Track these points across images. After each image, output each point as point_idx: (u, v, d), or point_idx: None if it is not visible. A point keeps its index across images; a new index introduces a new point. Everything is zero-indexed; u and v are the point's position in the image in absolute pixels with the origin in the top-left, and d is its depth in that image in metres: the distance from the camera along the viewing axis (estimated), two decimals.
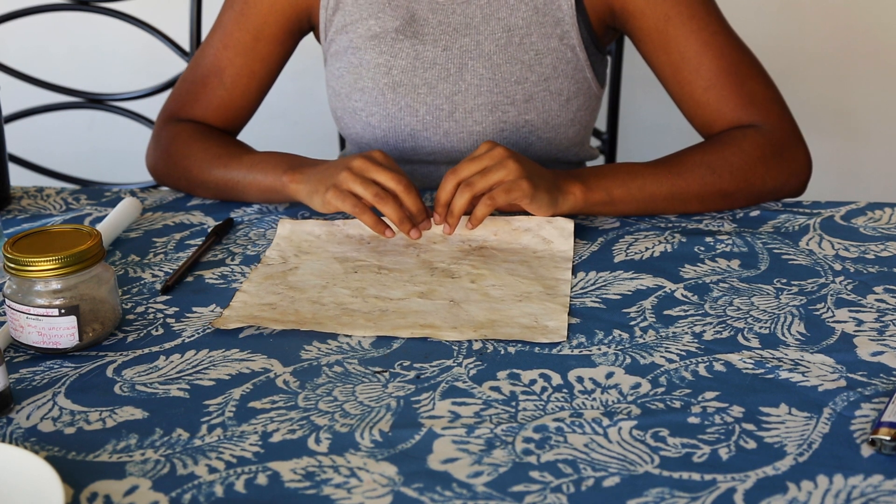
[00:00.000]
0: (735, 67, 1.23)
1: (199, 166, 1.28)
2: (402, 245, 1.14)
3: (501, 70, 1.27)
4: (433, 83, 1.28)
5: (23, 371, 0.93)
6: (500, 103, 1.28)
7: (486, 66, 1.27)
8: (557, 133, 1.30)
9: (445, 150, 1.31)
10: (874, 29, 2.24)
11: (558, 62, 1.27)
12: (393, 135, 1.31)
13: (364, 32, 1.29)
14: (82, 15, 1.77)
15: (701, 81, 1.23)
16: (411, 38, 1.27)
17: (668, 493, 0.76)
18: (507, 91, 1.27)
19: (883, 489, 0.75)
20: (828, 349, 0.93)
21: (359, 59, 1.29)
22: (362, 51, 1.29)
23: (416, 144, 1.31)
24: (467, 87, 1.28)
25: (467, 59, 1.27)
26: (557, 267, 1.09)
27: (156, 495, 0.76)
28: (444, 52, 1.27)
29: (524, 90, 1.27)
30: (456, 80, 1.28)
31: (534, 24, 1.26)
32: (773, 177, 1.21)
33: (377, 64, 1.28)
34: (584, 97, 1.31)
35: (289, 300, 1.04)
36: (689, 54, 1.23)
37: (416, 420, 0.84)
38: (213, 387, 0.90)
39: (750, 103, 1.23)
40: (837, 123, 2.33)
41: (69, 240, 0.95)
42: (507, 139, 1.29)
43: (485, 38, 1.27)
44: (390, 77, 1.28)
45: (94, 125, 2.36)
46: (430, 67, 1.28)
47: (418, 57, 1.28)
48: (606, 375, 0.90)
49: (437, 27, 1.27)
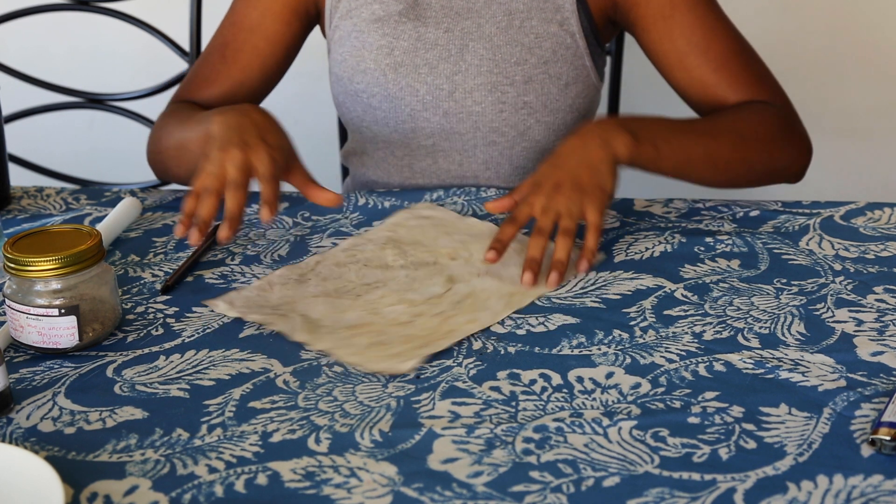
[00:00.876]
0: (742, 49, 1.26)
1: (167, 133, 1.27)
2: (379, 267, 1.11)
3: (501, 51, 1.27)
4: (434, 63, 1.29)
5: (23, 371, 0.93)
6: (499, 83, 1.28)
7: (487, 47, 1.28)
8: (556, 117, 1.30)
9: (444, 131, 1.31)
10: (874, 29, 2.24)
11: (558, 47, 1.28)
12: (393, 115, 1.31)
13: (368, 16, 1.30)
14: (82, 15, 1.77)
15: (711, 63, 1.24)
16: (414, 20, 1.29)
17: (668, 493, 0.76)
18: (507, 72, 1.28)
19: (883, 489, 0.75)
20: (828, 349, 0.93)
21: (361, 42, 1.30)
22: (365, 33, 1.30)
23: (416, 125, 1.31)
24: (467, 68, 1.28)
25: (468, 41, 1.28)
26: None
27: (156, 495, 0.76)
28: (445, 33, 1.28)
29: (523, 71, 1.28)
30: (456, 60, 1.28)
31: (534, 10, 1.27)
32: (788, 151, 1.23)
33: (380, 45, 1.29)
34: (583, 84, 1.32)
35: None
36: (697, 39, 1.24)
37: (416, 420, 0.84)
38: (213, 387, 0.90)
39: (759, 82, 1.25)
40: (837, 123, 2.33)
41: (69, 240, 0.95)
42: (507, 120, 1.29)
43: (486, 20, 1.28)
44: (392, 58, 1.29)
45: (94, 125, 2.36)
46: (432, 48, 1.28)
47: (420, 38, 1.28)
48: (606, 375, 0.90)
49: (440, 10, 1.29)
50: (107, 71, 2.23)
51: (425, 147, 1.33)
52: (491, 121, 1.29)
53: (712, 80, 1.25)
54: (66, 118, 1.93)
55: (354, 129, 1.38)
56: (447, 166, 1.33)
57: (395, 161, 1.35)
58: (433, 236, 1.15)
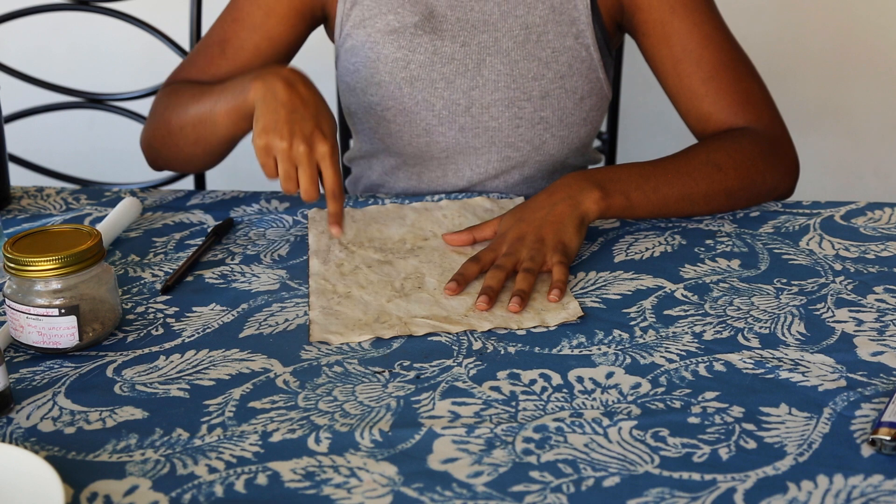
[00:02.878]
0: (733, 64, 1.25)
1: (177, 112, 1.27)
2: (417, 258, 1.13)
3: (519, 66, 1.27)
4: (451, 78, 1.28)
5: (23, 371, 0.93)
6: (516, 99, 1.28)
7: (504, 62, 1.27)
8: (570, 131, 1.30)
9: (459, 145, 1.31)
10: (874, 29, 2.25)
11: (574, 60, 1.28)
12: (408, 129, 1.31)
13: (382, 27, 1.29)
14: (82, 15, 1.77)
15: (701, 73, 1.24)
16: (430, 33, 1.28)
17: (668, 493, 0.76)
18: (524, 87, 1.27)
19: (883, 489, 0.75)
20: (828, 349, 0.93)
21: (376, 54, 1.29)
22: (380, 45, 1.29)
23: (431, 139, 1.31)
24: (485, 83, 1.28)
25: (485, 55, 1.27)
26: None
27: (156, 495, 0.76)
28: (462, 47, 1.27)
29: (540, 87, 1.27)
30: (474, 75, 1.28)
31: (550, 23, 1.27)
32: (772, 174, 1.22)
33: (395, 58, 1.28)
34: (597, 97, 1.32)
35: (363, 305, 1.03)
36: (692, 46, 1.24)
37: (416, 420, 0.84)
38: (213, 387, 0.90)
39: (746, 101, 1.24)
40: (837, 123, 2.33)
41: (69, 240, 0.95)
42: (523, 136, 1.29)
43: (503, 34, 1.27)
44: (408, 71, 1.28)
45: (94, 125, 2.36)
46: (449, 62, 1.28)
47: (436, 52, 1.28)
48: (606, 375, 0.90)
49: (456, 23, 1.28)
50: (107, 71, 2.24)
51: (438, 159, 1.33)
52: (507, 136, 1.29)
53: (701, 90, 1.24)
54: (66, 118, 1.93)
55: (365, 139, 1.37)
56: (457, 177, 1.33)
57: (405, 170, 1.35)
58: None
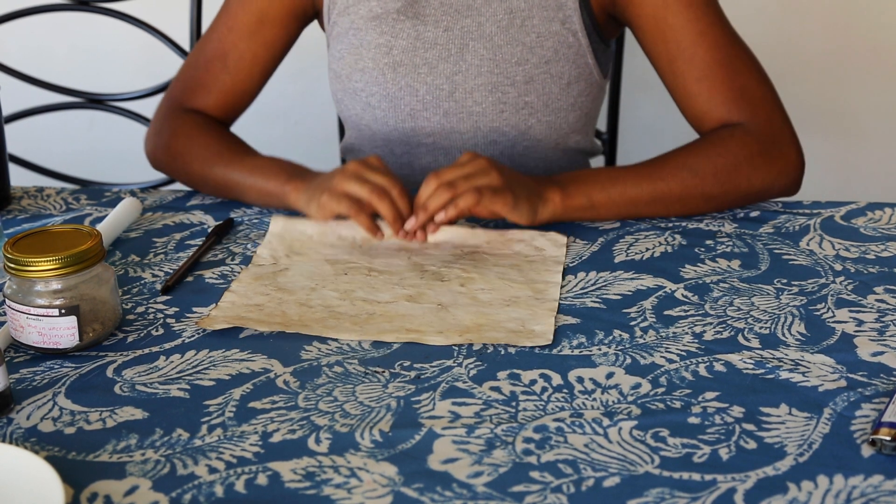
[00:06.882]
0: (729, 60, 1.22)
1: (200, 163, 1.28)
2: (393, 248, 1.13)
3: (502, 51, 1.27)
4: (434, 63, 1.28)
5: (23, 371, 0.93)
6: (499, 84, 1.28)
7: (487, 46, 1.27)
8: (557, 117, 1.30)
9: (445, 130, 1.31)
10: (874, 29, 2.24)
11: (560, 46, 1.27)
12: (393, 115, 1.31)
13: (365, 13, 1.29)
14: (82, 15, 1.77)
15: (694, 72, 1.22)
16: (412, 18, 1.28)
17: (668, 494, 0.76)
18: (508, 72, 1.27)
19: (883, 489, 0.75)
20: (828, 349, 0.93)
21: (359, 40, 1.30)
22: (363, 31, 1.29)
23: (416, 125, 1.31)
24: (468, 68, 1.28)
25: (468, 40, 1.27)
26: (548, 270, 1.08)
27: (156, 495, 0.76)
28: (445, 32, 1.28)
29: (524, 72, 1.27)
30: (456, 60, 1.28)
31: (535, 8, 1.26)
32: (760, 177, 1.19)
33: (378, 44, 1.29)
34: (586, 83, 1.31)
35: (276, 301, 1.03)
36: (685, 44, 1.22)
37: (416, 420, 0.84)
38: (213, 387, 0.90)
39: (740, 97, 1.22)
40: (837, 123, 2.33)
41: (69, 240, 0.95)
42: (507, 120, 1.29)
43: (486, 19, 1.27)
44: (391, 57, 1.29)
45: (94, 125, 2.36)
46: (431, 47, 1.28)
47: (419, 37, 1.28)
48: (606, 375, 0.90)
49: (439, 8, 1.28)
50: (107, 71, 2.23)
51: (426, 145, 1.33)
52: (491, 121, 1.29)
53: (694, 89, 1.23)
54: (66, 118, 1.93)
55: (353, 126, 1.38)
56: (448, 163, 1.33)
57: (395, 158, 1.35)
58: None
